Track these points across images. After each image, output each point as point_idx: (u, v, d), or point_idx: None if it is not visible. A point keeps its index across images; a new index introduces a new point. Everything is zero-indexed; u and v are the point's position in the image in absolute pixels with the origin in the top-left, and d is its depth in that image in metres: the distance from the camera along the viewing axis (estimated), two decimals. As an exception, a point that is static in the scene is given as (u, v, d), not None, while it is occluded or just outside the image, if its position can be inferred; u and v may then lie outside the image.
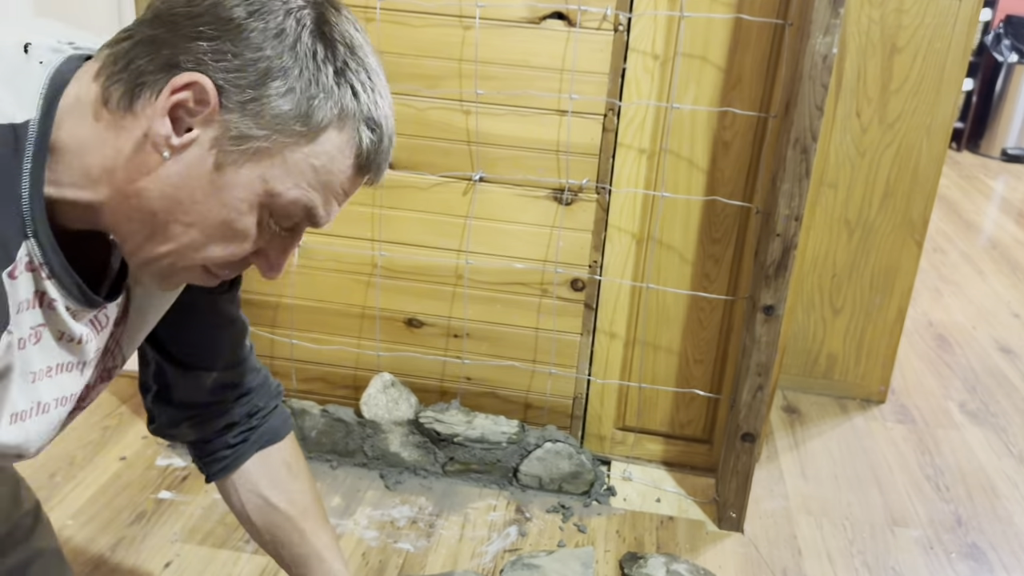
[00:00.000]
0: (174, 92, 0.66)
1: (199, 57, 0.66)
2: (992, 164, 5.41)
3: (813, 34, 1.47)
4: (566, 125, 1.70)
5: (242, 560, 1.60)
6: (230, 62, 0.66)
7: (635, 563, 1.64)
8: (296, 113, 0.68)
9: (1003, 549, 1.83)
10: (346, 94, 0.69)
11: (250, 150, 0.67)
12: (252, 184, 0.69)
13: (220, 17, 0.66)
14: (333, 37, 0.69)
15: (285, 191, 0.70)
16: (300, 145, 0.69)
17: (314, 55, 0.68)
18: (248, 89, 0.66)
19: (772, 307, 1.64)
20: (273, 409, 1.12)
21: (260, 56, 0.66)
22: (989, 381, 2.58)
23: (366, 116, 0.71)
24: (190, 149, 0.67)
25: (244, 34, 0.66)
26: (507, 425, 1.83)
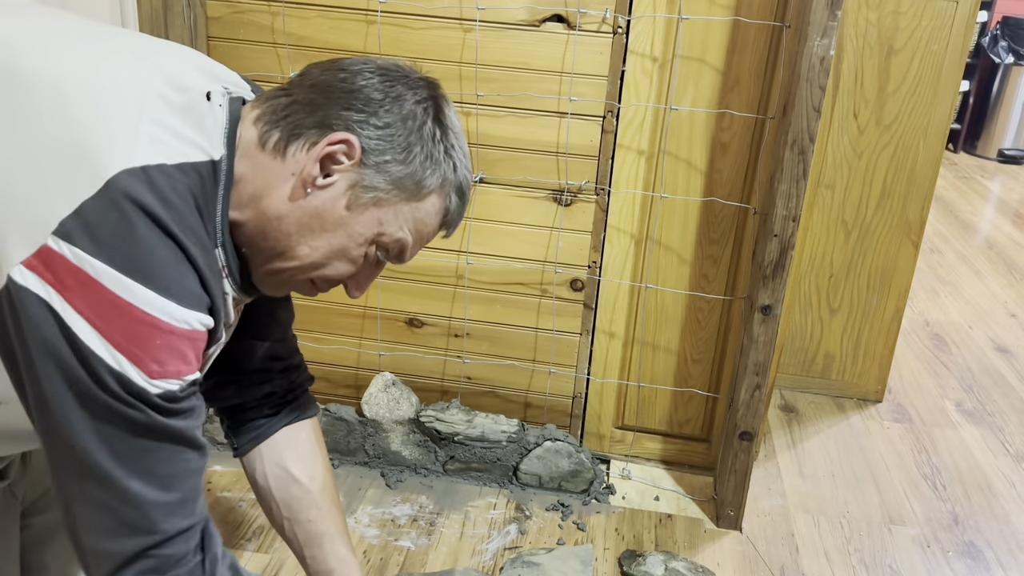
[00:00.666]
0: (331, 144, 0.84)
1: (349, 123, 0.85)
2: (989, 165, 5.43)
3: (811, 36, 1.48)
4: (565, 127, 1.71)
5: (244, 558, 1.61)
6: (373, 131, 0.85)
7: (634, 561, 1.65)
8: (413, 178, 0.87)
9: (1000, 547, 1.84)
10: (449, 168, 0.90)
11: (375, 199, 0.87)
12: (370, 224, 0.88)
13: (368, 96, 0.86)
14: (447, 124, 0.90)
15: (393, 232, 0.89)
16: (410, 201, 0.88)
17: (433, 137, 0.88)
18: (383, 154, 0.86)
19: (770, 307, 1.66)
20: (305, 390, 1.23)
21: (395, 132, 0.86)
22: (986, 380, 2.59)
23: (458, 186, 0.92)
24: (329, 189, 0.86)
25: (385, 112, 0.86)
26: (507, 424, 1.84)
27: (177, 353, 0.77)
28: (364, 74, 0.88)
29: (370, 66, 0.89)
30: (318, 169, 0.85)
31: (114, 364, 0.73)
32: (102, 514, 0.78)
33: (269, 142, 0.86)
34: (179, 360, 0.77)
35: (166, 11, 1.65)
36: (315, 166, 0.84)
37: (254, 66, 1.75)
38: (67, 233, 0.72)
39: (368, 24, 1.69)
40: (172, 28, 1.67)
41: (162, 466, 0.79)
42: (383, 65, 0.90)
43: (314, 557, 1.17)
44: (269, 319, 1.14)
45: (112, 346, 0.73)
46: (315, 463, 1.19)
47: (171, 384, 0.77)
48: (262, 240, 0.87)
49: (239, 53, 1.75)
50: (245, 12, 1.72)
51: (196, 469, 0.82)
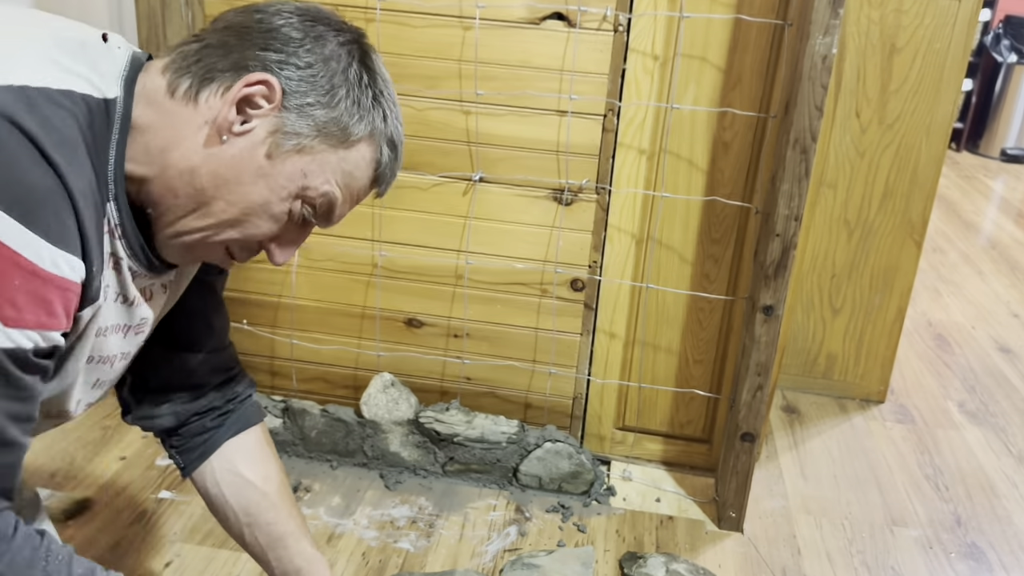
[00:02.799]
0: (247, 86, 0.77)
1: (267, 63, 0.79)
2: (991, 164, 5.41)
3: (813, 34, 1.47)
4: (566, 125, 1.70)
5: (242, 560, 1.60)
6: (294, 71, 0.79)
7: (635, 563, 1.65)
8: (340, 123, 0.81)
9: (1002, 549, 1.83)
10: (378, 116, 0.84)
11: (298, 146, 0.80)
12: (294, 175, 0.80)
13: (287, 35, 0.80)
14: (374, 69, 0.84)
15: (319, 184, 0.82)
16: (337, 149, 0.82)
17: (359, 80, 0.82)
18: (305, 96, 0.79)
19: (771, 307, 1.65)
20: (248, 397, 1.16)
21: (317, 72, 0.80)
22: (988, 381, 2.58)
23: (389, 137, 0.85)
24: (247, 136, 0.78)
25: (305, 51, 0.80)
26: (507, 425, 1.84)
27: (39, 300, 0.66)
28: (282, 14, 0.82)
29: (288, 7, 0.83)
30: (234, 113, 0.78)
31: None
32: None
33: (179, 89, 0.78)
34: (41, 309, 0.67)
35: (164, 9, 1.65)
36: (231, 110, 0.77)
37: (252, 64, 1.74)
38: None
39: (367, 22, 1.68)
40: (170, 26, 1.66)
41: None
42: (302, 6, 0.84)
43: (279, 559, 1.11)
44: (203, 327, 1.07)
45: None
46: (268, 464, 1.14)
47: (26, 339, 0.66)
48: (172, 197, 0.79)
49: (237, 51, 1.74)
50: (243, 10, 1.71)
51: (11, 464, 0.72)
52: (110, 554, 1.59)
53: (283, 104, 0.79)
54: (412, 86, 1.71)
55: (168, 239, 0.82)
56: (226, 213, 0.80)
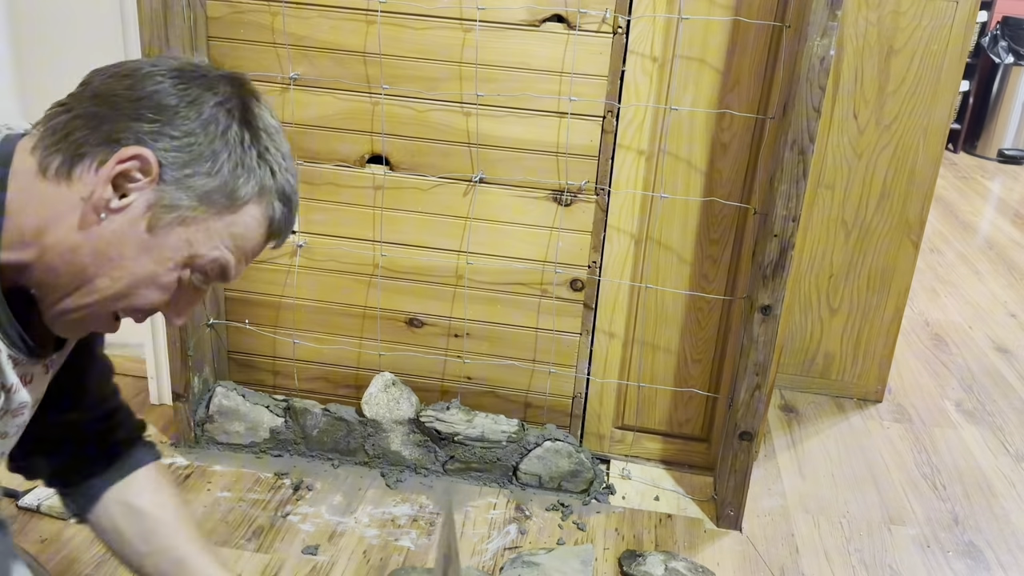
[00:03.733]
0: (120, 162, 0.74)
1: (140, 135, 0.75)
2: (988, 165, 5.43)
3: (810, 36, 1.48)
4: (565, 127, 1.71)
5: (243, 558, 1.61)
6: (168, 142, 0.76)
7: (634, 561, 1.65)
8: (224, 190, 0.78)
9: (1000, 547, 1.84)
10: (266, 173, 0.81)
11: (179, 217, 0.77)
12: (179, 246, 0.78)
13: (159, 103, 0.76)
14: (256, 125, 0.81)
15: (207, 252, 0.80)
16: (223, 215, 0.79)
17: (241, 141, 0.79)
18: (183, 167, 0.76)
19: (769, 307, 1.66)
20: (135, 442, 1.11)
21: (195, 140, 0.77)
22: (985, 380, 2.59)
23: (280, 191, 0.82)
24: (125, 212, 0.76)
25: (181, 119, 0.76)
26: (507, 424, 1.84)
27: None
28: (154, 77, 0.78)
29: (160, 68, 0.79)
30: (110, 191, 0.75)
31: None
32: None
33: (50, 168, 0.76)
34: None
35: (166, 11, 1.65)
36: (106, 187, 0.75)
37: (254, 66, 1.75)
38: None
39: (368, 24, 1.69)
40: (172, 28, 1.67)
41: None
42: (176, 66, 0.80)
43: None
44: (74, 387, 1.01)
45: None
46: (160, 492, 1.09)
47: None
48: (54, 277, 0.77)
49: (239, 53, 1.75)
50: (245, 12, 1.72)
51: None
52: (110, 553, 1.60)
53: (160, 177, 0.76)
54: (413, 88, 1.72)
55: (55, 317, 0.81)
56: (111, 288, 0.78)
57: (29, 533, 1.60)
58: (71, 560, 1.57)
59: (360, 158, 1.79)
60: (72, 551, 1.59)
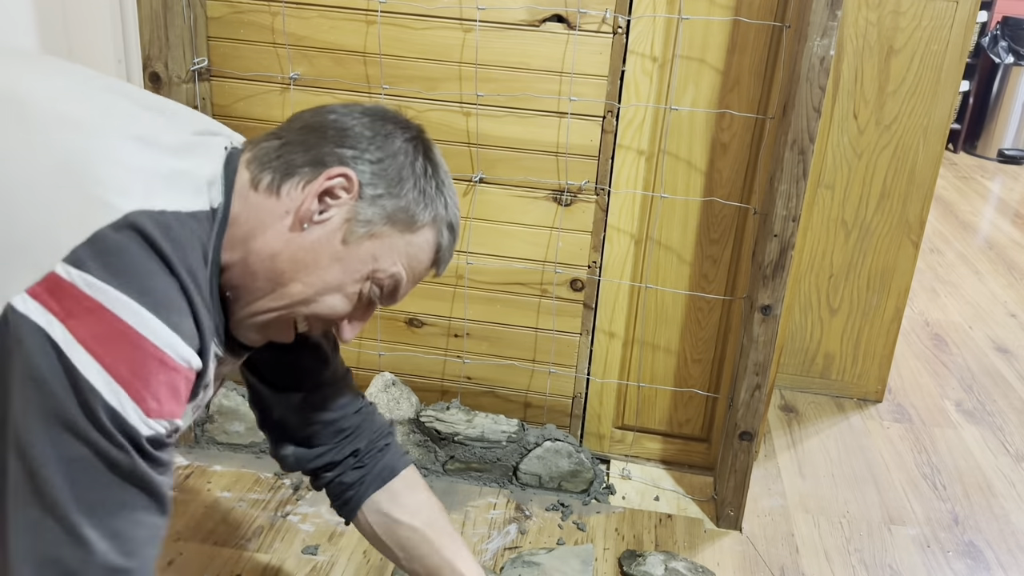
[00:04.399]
0: (329, 179, 0.86)
1: (343, 159, 0.87)
2: (989, 165, 5.43)
3: (810, 36, 1.48)
4: (565, 127, 1.71)
5: (244, 558, 1.61)
6: (367, 165, 0.88)
7: (634, 561, 1.66)
8: (407, 211, 0.89)
9: (1000, 547, 1.84)
10: (440, 204, 0.93)
11: (369, 232, 0.88)
12: (366, 258, 0.88)
13: (359, 134, 0.89)
14: (436, 162, 0.94)
15: (388, 267, 0.90)
16: (404, 234, 0.90)
17: (425, 172, 0.91)
18: (377, 187, 0.88)
19: (769, 307, 1.66)
20: (384, 447, 1.24)
21: (388, 166, 0.89)
22: (985, 380, 2.59)
23: (449, 222, 0.94)
24: (325, 224, 0.86)
25: (376, 147, 0.89)
26: (507, 424, 1.85)
27: (174, 392, 0.75)
28: (354, 115, 0.91)
29: (358, 108, 0.92)
30: (316, 204, 0.85)
31: (112, 400, 0.70)
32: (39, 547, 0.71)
33: (262, 183, 0.86)
34: (174, 400, 0.75)
35: (166, 11, 1.66)
36: (313, 201, 0.85)
37: (254, 66, 1.75)
38: (79, 260, 0.70)
39: (368, 24, 1.69)
40: (172, 28, 1.67)
41: (130, 528, 0.74)
42: (371, 107, 0.93)
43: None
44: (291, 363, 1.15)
45: (114, 380, 0.70)
46: (413, 499, 1.22)
47: (162, 426, 0.74)
48: (251, 280, 0.86)
49: (239, 53, 1.75)
50: (245, 12, 1.72)
51: (159, 539, 0.78)
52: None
53: (359, 194, 0.87)
54: (412, 87, 1.72)
55: (244, 319, 0.89)
56: (302, 294, 0.87)
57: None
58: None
59: (360, 158, 1.79)
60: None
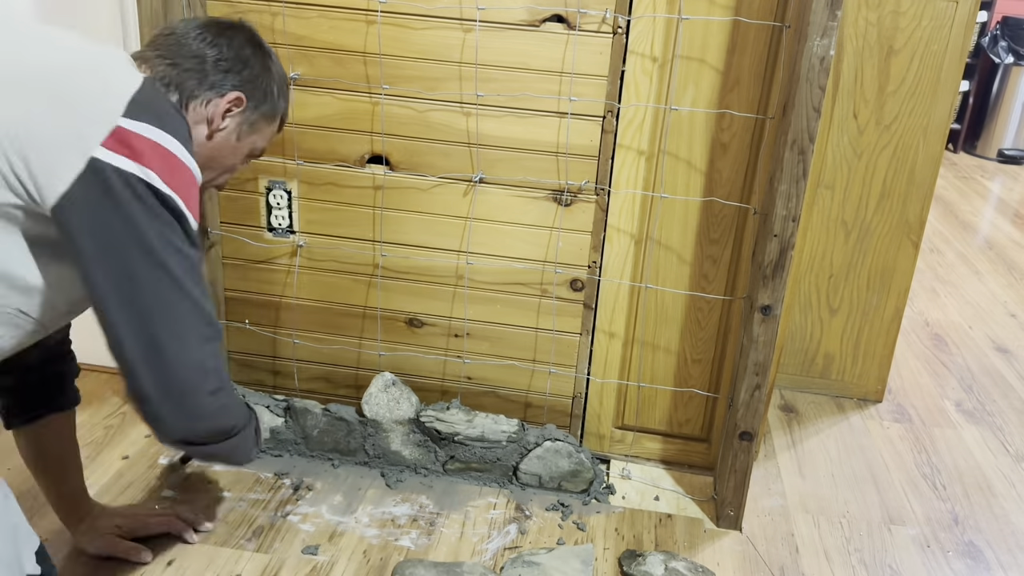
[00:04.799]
0: (229, 101, 1.23)
1: (235, 84, 1.24)
2: (988, 165, 5.43)
3: (810, 36, 1.48)
4: (565, 127, 1.71)
5: (244, 558, 1.61)
6: (249, 85, 1.26)
7: (634, 561, 1.66)
8: (273, 106, 1.32)
9: (1000, 547, 1.85)
10: (283, 103, 1.35)
11: (252, 129, 1.30)
12: (249, 145, 1.32)
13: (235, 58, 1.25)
14: (268, 50, 1.32)
15: (261, 145, 1.34)
16: (270, 124, 1.33)
17: (274, 70, 1.32)
18: (256, 98, 1.28)
19: (769, 307, 1.66)
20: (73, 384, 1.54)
21: (258, 77, 1.28)
22: (985, 380, 2.59)
23: (285, 110, 1.37)
24: (225, 131, 1.26)
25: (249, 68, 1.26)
26: (507, 424, 1.85)
27: (198, 199, 1.13)
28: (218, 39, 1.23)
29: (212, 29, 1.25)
30: (220, 120, 1.23)
31: (180, 204, 1.07)
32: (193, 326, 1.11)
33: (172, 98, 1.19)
34: (197, 205, 1.13)
35: (166, 11, 1.66)
36: (218, 117, 1.23)
37: (254, 66, 1.75)
38: (136, 114, 1.03)
39: (368, 24, 1.69)
40: (172, 28, 1.67)
41: (200, 279, 1.12)
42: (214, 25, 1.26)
43: None
44: None
45: (175, 192, 1.07)
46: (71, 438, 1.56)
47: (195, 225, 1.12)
48: None
49: (239, 53, 1.75)
50: (245, 12, 1.72)
51: None
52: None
53: (246, 107, 1.26)
54: (413, 88, 1.72)
55: None
56: (210, 175, 1.29)
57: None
58: (72, 560, 1.57)
59: (360, 158, 1.79)
60: (73, 551, 1.59)
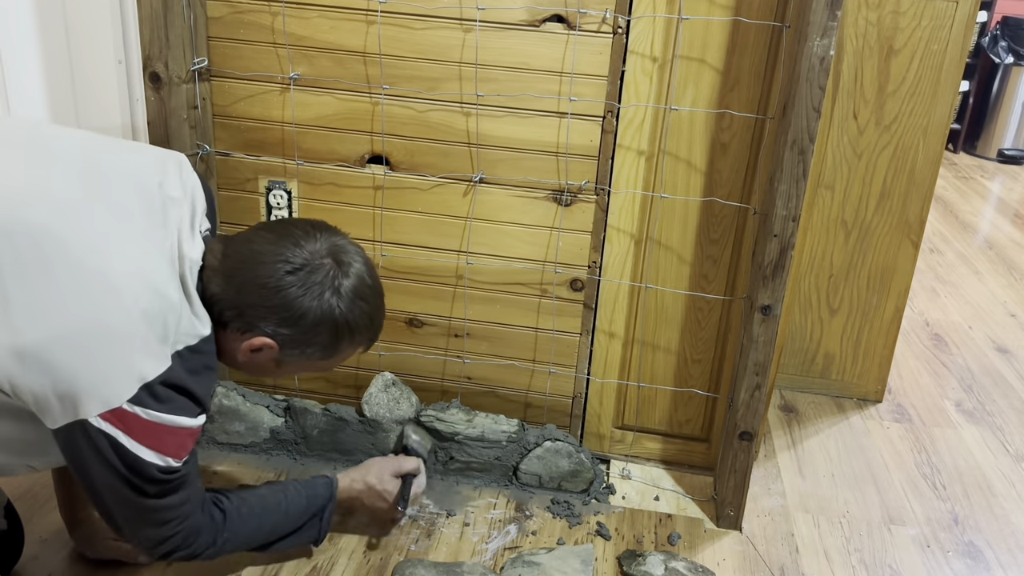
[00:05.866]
0: (252, 345, 1.23)
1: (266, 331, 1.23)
2: (988, 165, 5.43)
3: (810, 36, 1.48)
4: (565, 127, 1.71)
5: (244, 559, 1.61)
6: (285, 336, 1.23)
7: (634, 561, 1.66)
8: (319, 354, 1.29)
9: (999, 547, 1.85)
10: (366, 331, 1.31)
11: (294, 363, 1.29)
12: (296, 370, 1.32)
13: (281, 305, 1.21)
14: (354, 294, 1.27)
15: (318, 369, 1.34)
16: (324, 360, 1.31)
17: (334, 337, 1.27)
18: (294, 348, 1.26)
19: (769, 307, 1.66)
20: None
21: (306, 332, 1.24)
22: (985, 380, 2.59)
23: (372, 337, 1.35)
24: (260, 356, 1.26)
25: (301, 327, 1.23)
26: (507, 424, 1.85)
27: (193, 441, 1.19)
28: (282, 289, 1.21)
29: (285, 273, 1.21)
30: (249, 353, 1.24)
31: (161, 463, 1.15)
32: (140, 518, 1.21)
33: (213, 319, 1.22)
34: (192, 444, 1.20)
35: (166, 11, 1.66)
36: (246, 352, 1.23)
37: (254, 66, 1.75)
38: (140, 400, 1.10)
39: (368, 24, 1.69)
40: (172, 28, 1.67)
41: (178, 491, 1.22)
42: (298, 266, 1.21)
43: None
44: None
45: (162, 453, 1.14)
46: None
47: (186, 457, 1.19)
48: None
49: (239, 53, 1.75)
50: (245, 12, 1.72)
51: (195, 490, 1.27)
52: (113, 552, 1.60)
53: (279, 350, 1.24)
54: (413, 88, 1.72)
55: None
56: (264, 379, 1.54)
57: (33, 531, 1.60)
58: (72, 560, 1.57)
59: (360, 158, 1.79)
60: (72, 551, 1.59)
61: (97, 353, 1.07)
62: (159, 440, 1.13)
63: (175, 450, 1.16)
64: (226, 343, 1.24)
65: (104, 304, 1.08)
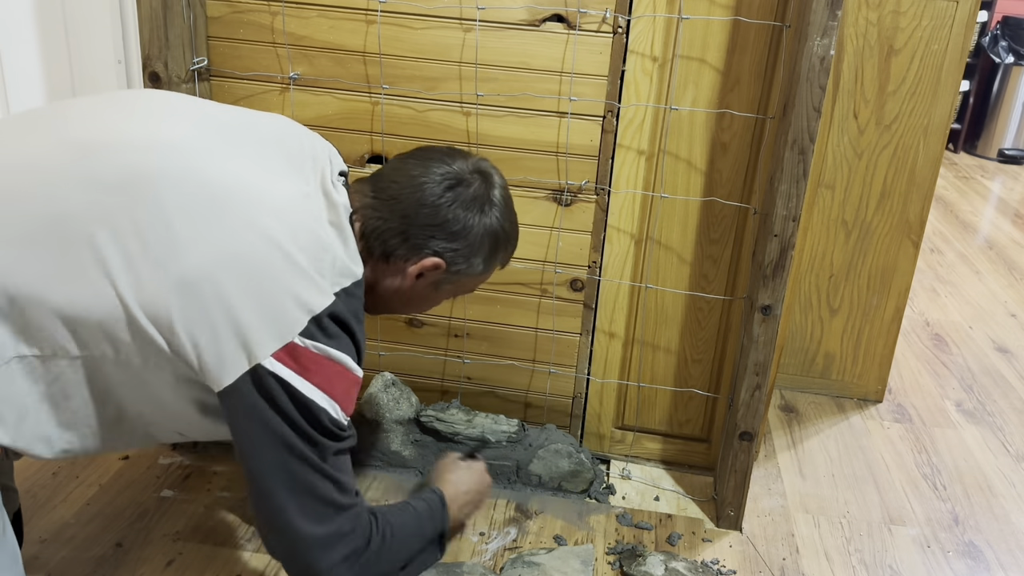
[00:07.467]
0: (424, 266, 1.22)
1: (436, 250, 1.21)
2: (989, 165, 5.43)
3: (811, 36, 1.48)
4: (565, 127, 1.71)
5: (244, 558, 1.61)
6: (453, 253, 1.22)
7: (634, 561, 1.65)
8: (475, 272, 1.27)
9: (1000, 547, 1.84)
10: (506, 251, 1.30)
11: (452, 285, 1.28)
12: (448, 294, 1.31)
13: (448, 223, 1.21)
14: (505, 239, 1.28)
15: (464, 292, 1.35)
16: (476, 278, 1.30)
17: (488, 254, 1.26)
18: (459, 264, 1.24)
19: (770, 307, 1.66)
20: None
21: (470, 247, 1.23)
22: (986, 380, 2.59)
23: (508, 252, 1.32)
24: (421, 282, 1.25)
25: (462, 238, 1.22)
26: (507, 424, 1.84)
27: (356, 392, 1.16)
28: (444, 196, 1.20)
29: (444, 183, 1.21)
30: (414, 279, 1.23)
31: (331, 410, 1.09)
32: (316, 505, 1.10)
33: (375, 253, 1.21)
34: (356, 395, 1.16)
35: (166, 11, 1.65)
36: (412, 278, 1.23)
37: (254, 66, 1.75)
38: (310, 333, 1.07)
39: (368, 24, 1.69)
40: (172, 28, 1.67)
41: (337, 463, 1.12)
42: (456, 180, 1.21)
43: None
44: None
45: (332, 397, 1.09)
46: None
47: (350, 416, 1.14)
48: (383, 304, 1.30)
49: (239, 53, 1.75)
50: (245, 12, 1.72)
51: None
52: (112, 552, 1.60)
53: (446, 270, 1.23)
54: (412, 87, 1.72)
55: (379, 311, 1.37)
56: (410, 311, 1.41)
57: (33, 531, 1.60)
58: (70, 560, 1.57)
59: (360, 158, 1.79)
60: (72, 551, 1.59)
61: (265, 280, 1.05)
62: (330, 381, 1.08)
63: (343, 396, 1.11)
64: (384, 278, 1.23)
65: (270, 236, 1.06)
